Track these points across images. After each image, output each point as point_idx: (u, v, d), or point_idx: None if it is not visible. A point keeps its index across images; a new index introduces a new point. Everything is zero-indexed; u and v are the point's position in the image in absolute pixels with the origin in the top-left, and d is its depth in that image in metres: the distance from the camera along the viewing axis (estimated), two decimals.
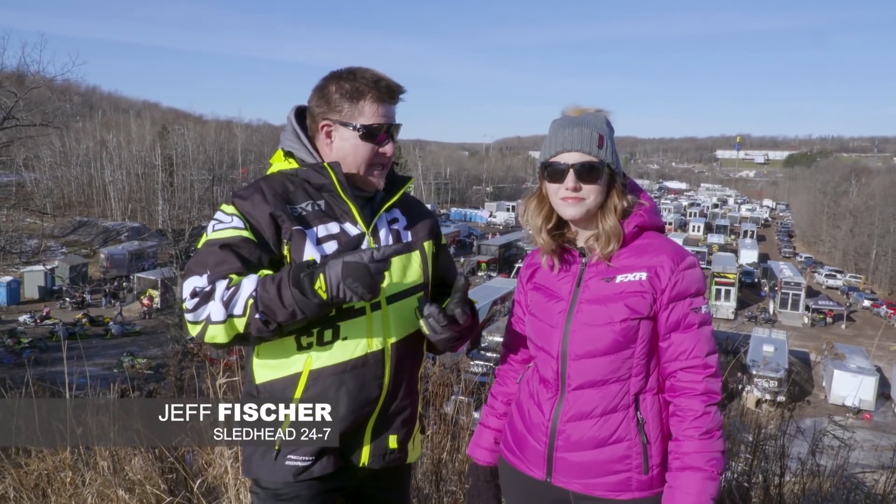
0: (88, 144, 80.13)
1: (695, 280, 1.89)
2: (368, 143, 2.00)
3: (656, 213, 2.00)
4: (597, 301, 1.91)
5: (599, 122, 1.94)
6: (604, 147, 1.90)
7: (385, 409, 2.03)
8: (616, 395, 1.89)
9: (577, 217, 1.95)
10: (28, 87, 23.08)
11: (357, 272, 1.68)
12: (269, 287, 1.73)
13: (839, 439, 4.41)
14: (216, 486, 3.62)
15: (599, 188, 1.92)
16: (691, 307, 1.88)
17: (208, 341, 1.79)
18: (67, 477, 3.67)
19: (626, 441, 1.89)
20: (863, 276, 71.89)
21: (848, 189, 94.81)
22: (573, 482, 1.94)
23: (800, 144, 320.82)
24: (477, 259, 61.64)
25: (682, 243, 22.32)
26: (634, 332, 1.87)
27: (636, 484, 1.89)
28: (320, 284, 1.70)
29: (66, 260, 49.15)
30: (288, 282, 1.72)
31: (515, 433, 2.10)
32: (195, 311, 1.76)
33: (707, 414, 1.84)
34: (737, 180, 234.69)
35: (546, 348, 1.99)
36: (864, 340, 44.96)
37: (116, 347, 31.03)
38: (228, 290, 1.75)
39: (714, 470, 1.81)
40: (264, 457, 1.95)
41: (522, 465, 2.05)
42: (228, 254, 1.82)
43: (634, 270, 1.89)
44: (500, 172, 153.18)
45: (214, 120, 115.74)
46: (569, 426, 1.93)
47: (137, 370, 25.28)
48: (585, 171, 1.90)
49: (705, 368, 1.86)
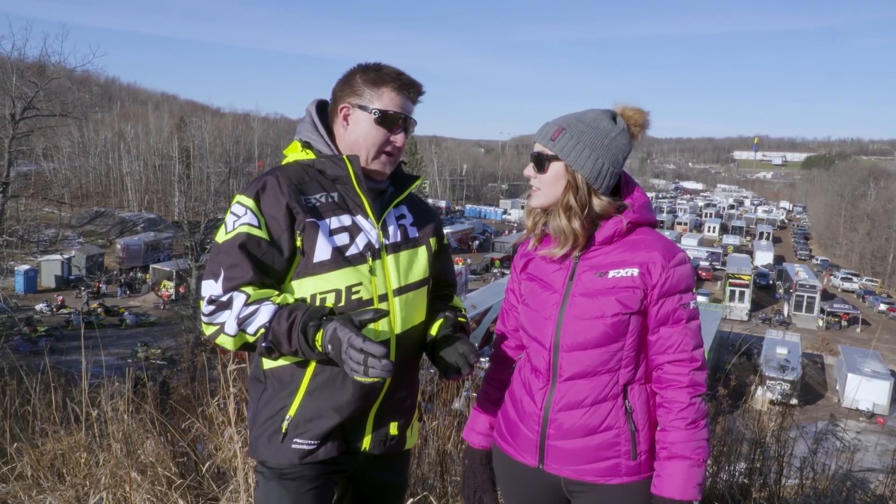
0: (107, 135, 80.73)
1: (684, 276, 1.95)
2: (381, 129, 2.06)
3: (649, 208, 2.04)
4: (589, 295, 1.96)
5: (577, 118, 1.99)
6: (557, 140, 1.96)
7: (388, 397, 2.10)
8: (606, 386, 1.96)
9: (535, 206, 2.05)
10: (49, 77, 23.26)
11: (334, 344, 1.76)
12: (282, 322, 1.82)
13: (840, 440, 4.44)
14: (225, 469, 3.70)
15: (549, 180, 1.98)
16: (680, 303, 1.93)
17: (218, 343, 1.92)
18: (82, 458, 3.77)
19: (616, 429, 1.95)
20: (879, 279, 71.17)
21: (866, 192, 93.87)
22: (565, 468, 2.00)
23: (818, 146, 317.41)
24: (491, 256, 61.63)
25: (696, 244, 22.29)
26: (625, 326, 1.93)
27: (625, 469, 1.96)
28: (318, 338, 1.80)
29: (83, 250, 49.40)
30: (299, 325, 1.81)
31: (508, 421, 2.16)
32: (211, 315, 1.88)
33: (692, 405, 1.91)
34: (753, 181, 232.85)
35: (539, 339, 2.04)
36: (879, 344, 44.46)
37: (131, 338, 31.24)
38: (247, 309, 1.84)
39: (699, 458, 1.89)
40: (271, 440, 2.01)
41: (515, 453, 2.11)
42: (242, 256, 1.88)
43: (626, 266, 1.94)
44: (516, 170, 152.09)
45: (232, 113, 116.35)
46: (560, 415, 2.00)
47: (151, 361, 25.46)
48: (535, 161, 2.01)
49: (692, 362, 1.93)
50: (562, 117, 2.02)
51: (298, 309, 1.84)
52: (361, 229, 2.04)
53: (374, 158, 2.09)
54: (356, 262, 1.99)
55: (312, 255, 1.95)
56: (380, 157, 2.09)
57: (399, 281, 2.08)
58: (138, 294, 44.87)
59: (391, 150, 2.10)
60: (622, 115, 2.02)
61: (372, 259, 2.02)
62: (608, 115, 2.00)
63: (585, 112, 2.02)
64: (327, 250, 1.96)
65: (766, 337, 34.56)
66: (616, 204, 2.00)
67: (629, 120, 2.02)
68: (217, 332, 1.87)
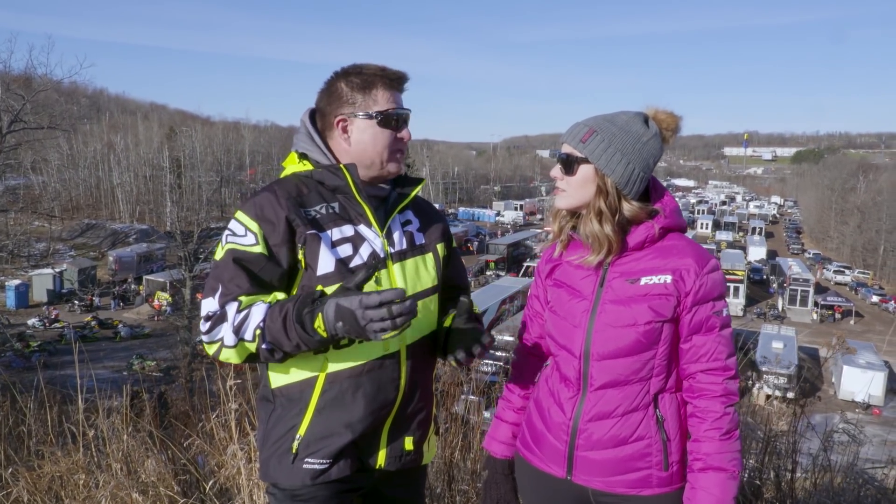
0: (96, 147, 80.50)
1: (718, 284, 1.89)
2: (387, 130, 2.01)
3: (680, 214, 1.98)
4: (621, 302, 1.90)
5: (608, 120, 1.93)
6: (588, 142, 1.90)
7: (401, 410, 2.03)
8: (637, 395, 1.90)
9: (563, 208, 1.99)
10: (35, 89, 23.08)
11: (345, 317, 1.66)
12: (275, 318, 1.75)
13: (850, 435, 4.41)
14: (229, 487, 3.62)
15: (578, 183, 1.92)
16: (713, 310, 1.88)
17: (223, 360, 1.84)
18: (81, 479, 3.68)
19: (647, 439, 1.89)
20: (871, 271, 71.60)
21: (856, 185, 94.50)
22: (594, 480, 1.94)
23: (807, 141, 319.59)
24: (485, 258, 61.59)
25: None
26: (658, 334, 1.87)
27: (656, 480, 1.90)
28: (319, 323, 1.71)
29: (75, 263, 49.20)
30: (292, 316, 1.73)
31: (534, 431, 2.09)
32: (210, 332, 1.81)
33: (727, 415, 1.85)
34: (745, 177, 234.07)
35: (568, 347, 1.98)
36: (873, 336, 44.78)
37: (126, 350, 31.10)
38: (239, 315, 1.78)
39: (735, 469, 1.83)
40: (281, 461, 1.94)
41: (541, 463, 2.05)
42: (238, 271, 1.83)
43: (659, 273, 1.88)
44: (508, 171, 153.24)
45: (222, 121, 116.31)
46: (590, 425, 1.93)
47: (147, 373, 25.35)
48: (563, 162, 1.94)
49: (725, 371, 1.88)
50: (592, 118, 1.96)
51: (289, 301, 1.77)
52: (365, 239, 1.98)
53: (388, 161, 2.04)
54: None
55: (316, 269, 1.90)
56: (395, 157, 2.05)
57: (407, 290, 2.01)
58: (132, 306, 44.65)
59: (400, 148, 2.06)
60: (654, 118, 1.96)
61: (377, 269, 1.95)
62: (640, 119, 1.94)
63: (617, 114, 1.95)
64: (331, 262, 1.90)
65: (762, 332, 34.69)
66: (647, 209, 1.94)
67: (661, 123, 1.96)
68: (219, 348, 1.81)
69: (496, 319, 35.66)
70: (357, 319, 1.63)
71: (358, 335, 1.68)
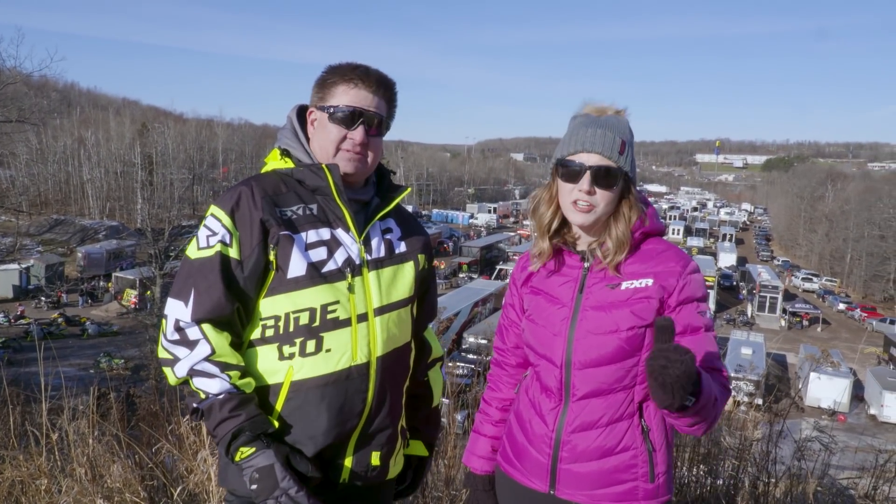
0: (66, 142, 79.15)
1: (700, 285, 1.87)
2: (335, 126, 1.93)
3: (658, 217, 1.96)
4: (602, 308, 1.85)
5: (623, 126, 1.89)
6: (625, 154, 1.85)
7: (368, 424, 1.95)
8: (622, 404, 1.85)
9: (585, 224, 1.90)
10: (4, 82, 22.66)
11: (266, 484, 1.71)
12: (224, 409, 1.75)
13: (823, 444, 4.43)
14: (198, 493, 3.52)
15: (612, 196, 1.87)
16: (698, 310, 1.85)
17: (162, 367, 1.86)
18: (43, 484, 3.55)
19: (632, 449, 1.85)
20: (838, 279, 72.82)
21: (824, 194, 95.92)
22: (578, 493, 1.89)
23: (777, 149, 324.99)
24: (458, 261, 61.61)
25: None
26: (641, 340, 1.83)
27: (642, 493, 1.85)
28: (243, 455, 1.73)
29: (42, 259, 48.46)
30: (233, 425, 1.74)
31: (515, 445, 2.04)
32: (172, 344, 1.81)
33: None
34: (716, 184, 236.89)
35: (549, 356, 1.93)
36: (838, 343, 45.54)
37: (93, 348, 30.62)
38: (205, 365, 1.78)
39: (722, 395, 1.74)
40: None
41: (523, 478, 1.99)
42: (214, 277, 1.80)
43: (640, 276, 1.85)
44: (482, 174, 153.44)
45: (195, 118, 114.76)
46: (574, 436, 1.89)
47: (115, 371, 24.93)
48: (602, 176, 1.84)
49: (716, 371, 1.83)
50: (608, 125, 1.87)
51: (246, 407, 1.77)
52: (341, 243, 1.92)
53: (335, 157, 1.96)
54: (333, 278, 1.88)
55: (286, 271, 1.84)
56: (345, 156, 1.95)
57: (381, 299, 1.95)
58: (100, 303, 43.96)
59: (349, 147, 1.94)
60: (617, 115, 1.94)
61: (351, 276, 1.90)
62: (626, 118, 1.92)
63: (618, 118, 1.91)
64: (302, 266, 1.84)
65: (731, 338, 35.06)
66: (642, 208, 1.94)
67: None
68: (168, 361, 1.82)
69: (468, 322, 35.73)
70: (269, 493, 1.70)
71: (251, 495, 1.72)
